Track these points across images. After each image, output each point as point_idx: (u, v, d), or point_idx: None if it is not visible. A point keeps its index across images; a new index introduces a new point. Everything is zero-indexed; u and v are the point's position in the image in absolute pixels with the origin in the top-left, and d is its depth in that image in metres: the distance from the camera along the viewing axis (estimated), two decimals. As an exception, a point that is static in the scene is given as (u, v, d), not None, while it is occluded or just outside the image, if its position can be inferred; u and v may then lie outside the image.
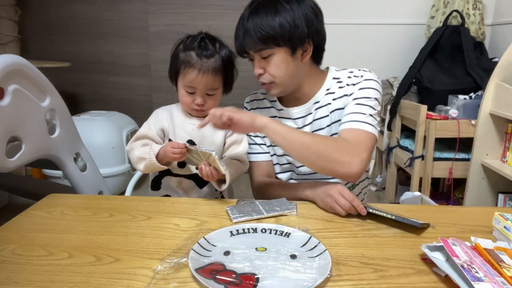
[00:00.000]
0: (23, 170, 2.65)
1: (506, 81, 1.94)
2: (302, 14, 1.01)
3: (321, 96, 1.12)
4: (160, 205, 1.00)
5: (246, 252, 0.74)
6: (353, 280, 0.67)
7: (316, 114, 1.13)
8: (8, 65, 1.11)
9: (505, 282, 0.62)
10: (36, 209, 0.96)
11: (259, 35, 1.00)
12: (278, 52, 1.03)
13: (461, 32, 2.36)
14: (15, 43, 2.85)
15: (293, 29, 1.00)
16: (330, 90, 1.12)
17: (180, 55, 1.07)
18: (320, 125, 1.13)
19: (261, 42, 1.01)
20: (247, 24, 1.02)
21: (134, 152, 1.08)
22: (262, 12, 1.01)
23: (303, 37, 1.02)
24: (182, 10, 2.89)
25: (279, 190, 1.12)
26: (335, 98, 1.11)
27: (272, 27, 1.00)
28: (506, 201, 2.07)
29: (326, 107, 1.11)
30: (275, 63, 1.04)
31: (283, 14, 1.00)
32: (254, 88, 1.28)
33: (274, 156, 1.21)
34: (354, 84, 1.08)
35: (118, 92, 3.20)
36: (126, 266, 0.71)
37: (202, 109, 1.09)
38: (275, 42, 1.01)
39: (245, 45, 1.04)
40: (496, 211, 0.84)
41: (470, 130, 2.11)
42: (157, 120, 1.12)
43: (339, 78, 1.12)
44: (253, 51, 1.04)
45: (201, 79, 1.04)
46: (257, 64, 1.06)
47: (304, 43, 1.04)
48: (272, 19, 1.00)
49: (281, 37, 1.00)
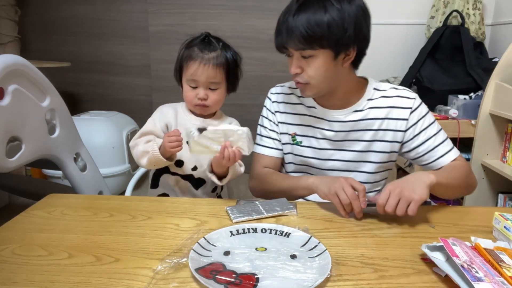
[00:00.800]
0: (23, 170, 2.65)
1: (506, 81, 1.94)
2: (352, 16, 0.95)
3: (363, 105, 1.09)
4: (160, 205, 1.00)
5: (246, 252, 0.74)
6: (353, 280, 0.67)
7: (358, 125, 1.10)
8: (8, 65, 1.11)
9: (505, 282, 0.62)
10: (36, 209, 0.96)
11: (304, 34, 0.94)
12: (321, 54, 0.98)
13: (461, 32, 2.36)
14: (15, 43, 2.85)
15: (341, 32, 0.95)
16: (373, 101, 1.10)
17: (184, 53, 1.09)
18: (360, 136, 1.10)
19: (305, 42, 0.95)
20: (292, 20, 0.96)
21: (138, 147, 1.07)
22: (310, 10, 0.95)
23: (349, 42, 0.97)
24: (182, 10, 2.89)
25: (281, 178, 1.11)
26: (376, 107, 1.09)
27: (319, 28, 0.93)
28: (506, 201, 2.07)
29: (369, 121, 1.09)
30: (315, 65, 0.99)
31: (332, 14, 0.93)
32: (254, 88, 1.28)
33: (290, 154, 1.17)
34: (411, 109, 1.08)
35: (118, 92, 3.20)
36: (126, 266, 0.71)
37: (204, 104, 1.09)
38: (319, 44, 0.96)
39: (287, 42, 0.99)
40: (496, 211, 0.84)
41: (470, 130, 2.11)
42: (162, 116, 1.13)
43: (382, 90, 1.11)
44: (294, 49, 0.99)
45: (201, 71, 1.05)
46: (295, 63, 1.01)
47: (349, 48, 0.99)
48: (320, 19, 0.93)
49: (327, 39, 0.95)
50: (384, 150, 1.11)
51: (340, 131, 1.11)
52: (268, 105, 1.20)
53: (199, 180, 1.15)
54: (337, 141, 1.12)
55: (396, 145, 1.11)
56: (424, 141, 1.09)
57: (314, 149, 1.14)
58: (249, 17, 2.86)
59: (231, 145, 0.95)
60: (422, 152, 1.10)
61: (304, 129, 1.14)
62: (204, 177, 1.15)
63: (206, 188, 1.16)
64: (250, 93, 2.97)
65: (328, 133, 1.11)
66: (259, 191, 1.18)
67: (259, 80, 2.94)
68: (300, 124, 1.14)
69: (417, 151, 1.10)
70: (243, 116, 2.89)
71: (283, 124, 1.17)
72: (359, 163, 1.13)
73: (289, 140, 1.16)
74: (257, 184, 1.17)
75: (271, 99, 1.20)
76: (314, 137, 1.13)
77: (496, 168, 1.97)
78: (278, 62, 2.90)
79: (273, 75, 2.93)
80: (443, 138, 1.10)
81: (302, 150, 1.15)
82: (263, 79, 2.93)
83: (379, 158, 1.12)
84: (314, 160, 1.15)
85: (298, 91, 1.15)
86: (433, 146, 1.09)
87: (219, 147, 0.95)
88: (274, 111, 1.18)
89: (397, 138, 1.10)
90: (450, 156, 1.08)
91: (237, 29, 2.87)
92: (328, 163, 1.14)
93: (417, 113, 1.09)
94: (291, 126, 1.15)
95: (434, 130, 1.10)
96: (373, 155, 1.12)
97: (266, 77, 2.93)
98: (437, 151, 1.09)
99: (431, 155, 1.09)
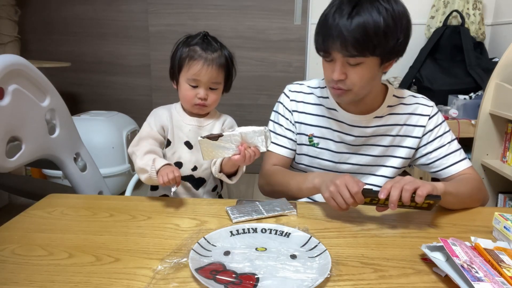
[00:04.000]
0: (23, 170, 2.64)
1: (506, 81, 1.94)
2: (405, 22, 0.91)
3: (383, 111, 1.09)
4: (160, 205, 1.00)
5: (246, 252, 0.74)
6: (353, 280, 0.67)
7: (378, 131, 1.09)
8: (8, 65, 1.11)
9: (505, 282, 0.62)
10: (36, 209, 0.96)
11: (360, 42, 0.87)
12: (369, 61, 0.92)
13: (461, 32, 2.36)
14: (15, 43, 2.85)
15: (395, 40, 0.90)
16: (392, 108, 1.09)
17: (183, 51, 1.08)
18: (378, 141, 1.10)
19: (360, 49, 0.88)
20: (346, 24, 0.87)
21: (137, 160, 1.04)
22: (365, 13, 0.87)
23: (400, 50, 0.93)
24: (182, 10, 2.89)
25: (288, 177, 1.09)
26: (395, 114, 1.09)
27: (377, 36, 0.87)
28: (506, 201, 2.07)
29: (388, 127, 1.09)
30: (361, 72, 0.93)
31: (388, 21, 0.87)
32: (254, 88, 1.27)
33: (305, 156, 1.15)
34: (429, 116, 1.10)
35: (118, 92, 3.20)
36: (126, 266, 0.71)
37: (204, 104, 1.09)
38: (372, 52, 0.89)
39: (335, 47, 0.91)
40: (496, 211, 0.84)
41: (470, 130, 2.11)
42: (157, 119, 1.12)
43: (401, 98, 1.10)
44: (342, 55, 0.91)
45: (205, 71, 1.05)
46: (340, 69, 0.94)
47: (397, 56, 0.95)
48: (377, 26, 0.86)
49: (382, 48, 0.89)
50: (400, 155, 1.11)
51: (359, 137, 1.10)
52: (286, 103, 1.15)
53: (199, 180, 1.15)
54: (355, 146, 1.11)
55: (411, 151, 1.11)
56: (437, 148, 1.09)
57: (331, 152, 1.12)
58: (249, 17, 2.86)
59: (248, 145, 0.93)
60: (433, 159, 1.10)
61: (323, 131, 1.12)
62: (204, 176, 1.14)
63: (207, 187, 1.16)
64: (250, 93, 2.98)
65: (347, 138, 1.10)
66: (267, 189, 1.16)
67: (259, 80, 2.94)
68: (319, 126, 1.12)
69: (429, 157, 1.10)
70: (243, 116, 2.92)
71: (300, 124, 1.14)
72: (374, 167, 1.13)
73: (305, 141, 1.14)
74: (265, 183, 1.15)
75: (289, 97, 1.15)
76: (332, 140, 1.12)
77: (496, 168, 1.97)
78: (278, 62, 2.91)
79: (273, 75, 2.93)
80: (456, 148, 1.10)
81: (318, 152, 1.13)
82: (263, 79, 2.93)
83: (395, 163, 1.12)
84: (329, 162, 1.13)
85: (317, 91, 1.13)
86: (445, 154, 1.09)
87: (232, 150, 0.93)
88: (292, 110, 1.14)
89: (413, 145, 1.10)
90: (460, 165, 1.08)
91: (237, 29, 2.87)
92: (344, 166, 1.13)
93: (434, 120, 1.10)
94: (309, 127, 1.13)
95: (448, 139, 1.10)
96: (389, 160, 1.12)
97: (266, 77, 2.93)
98: (448, 159, 1.09)
99: (442, 163, 1.09)
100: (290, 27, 2.85)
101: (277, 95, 1.19)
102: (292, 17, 2.83)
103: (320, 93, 1.13)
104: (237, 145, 0.93)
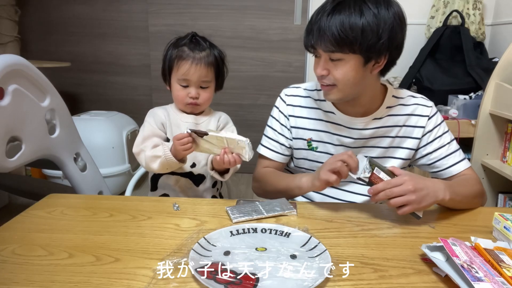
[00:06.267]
0: (23, 170, 2.64)
1: (506, 81, 1.94)
2: (388, 23, 0.91)
3: (382, 113, 1.08)
4: (160, 205, 1.00)
5: (246, 252, 0.74)
6: (353, 280, 0.67)
7: (377, 132, 1.09)
8: (8, 65, 1.11)
9: (505, 282, 0.62)
10: (36, 209, 0.96)
11: (336, 37, 0.91)
12: (350, 59, 0.94)
13: (461, 32, 2.36)
14: (15, 43, 2.85)
15: (375, 39, 0.91)
16: (392, 109, 1.09)
17: (172, 52, 1.10)
18: (377, 143, 1.11)
19: (336, 44, 0.92)
20: (325, 20, 0.92)
21: (146, 153, 1.06)
22: (345, 12, 0.90)
23: (382, 50, 0.93)
24: (182, 10, 2.88)
25: (277, 177, 1.11)
26: (394, 115, 1.09)
27: (353, 32, 0.90)
28: (506, 201, 2.07)
29: (387, 128, 1.09)
30: (343, 69, 0.95)
31: (368, 19, 0.90)
32: (254, 88, 1.27)
33: (305, 160, 1.15)
34: (428, 116, 1.09)
35: (118, 92, 3.20)
36: (126, 266, 0.71)
37: (196, 103, 1.11)
38: (350, 48, 0.92)
39: (316, 43, 0.95)
40: (496, 211, 0.84)
41: (470, 130, 2.11)
42: (156, 118, 1.13)
43: (400, 98, 1.10)
44: (323, 51, 0.95)
45: (194, 70, 1.07)
46: (323, 65, 0.98)
47: (380, 56, 0.95)
48: (355, 23, 0.89)
49: (359, 45, 0.91)
50: (400, 156, 1.11)
51: (358, 139, 1.10)
52: (282, 108, 1.15)
53: (199, 177, 1.15)
54: (354, 148, 1.11)
55: (411, 152, 1.11)
56: (437, 148, 1.09)
57: (330, 155, 1.11)
58: (249, 17, 2.86)
59: (230, 151, 0.97)
60: (434, 159, 1.10)
61: (321, 134, 1.12)
62: (203, 173, 1.15)
63: (207, 184, 1.17)
64: (250, 93, 2.98)
65: (346, 140, 1.10)
66: (260, 192, 1.18)
67: (259, 80, 2.94)
68: (317, 130, 1.12)
69: (429, 158, 1.10)
70: (243, 116, 2.92)
71: (297, 129, 1.14)
72: None
73: (304, 145, 1.14)
74: (258, 185, 1.17)
75: (285, 102, 1.15)
76: (331, 143, 1.12)
77: (496, 168, 1.97)
78: (278, 62, 2.91)
79: (273, 75, 2.93)
80: (456, 148, 1.11)
81: (318, 156, 1.13)
82: (263, 79, 2.93)
83: (394, 164, 1.12)
84: None
85: (315, 94, 1.13)
86: (445, 154, 1.09)
87: (217, 149, 0.99)
88: (288, 115, 1.14)
89: (413, 145, 1.10)
90: (460, 166, 1.09)
91: (237, 29, 2.86)
92: None
93: (433, 120, 1.10)
94: (307, 131, 1.13)
95: (448, 139, 1.10)
96: (389, 161, 1.12)
97: (266, 77, 2.93)
98: (449, 160, 1.09)
99: (443, 163, 1.09)
100: (290, 27, 2.85)
101: (277, 95, 1.19)
102: (292, 17, 2.83)
103: (317, 95, 1.13)
104: (222, 146, 0.97)
